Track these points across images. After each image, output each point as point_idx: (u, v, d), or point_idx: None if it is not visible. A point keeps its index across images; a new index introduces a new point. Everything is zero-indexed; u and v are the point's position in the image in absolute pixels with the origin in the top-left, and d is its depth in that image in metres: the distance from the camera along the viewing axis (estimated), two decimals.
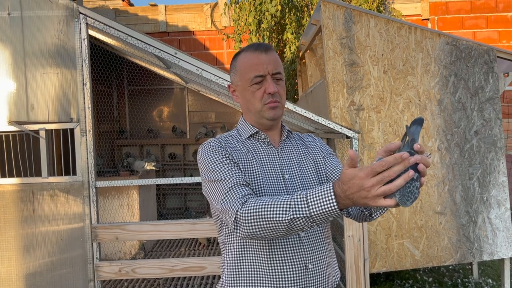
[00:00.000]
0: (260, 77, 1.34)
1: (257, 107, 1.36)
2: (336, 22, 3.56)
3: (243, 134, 1.43)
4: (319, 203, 1.04)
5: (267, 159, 1.39)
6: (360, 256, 2.99)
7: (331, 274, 1.38)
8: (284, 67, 6.07)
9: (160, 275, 3.04)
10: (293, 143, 1.48)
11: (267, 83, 1.34)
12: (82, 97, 3.00)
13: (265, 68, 1.34)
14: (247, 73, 1.36)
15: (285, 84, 6.02)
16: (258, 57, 1.35)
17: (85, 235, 2.99)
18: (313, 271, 1.31)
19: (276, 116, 1.37)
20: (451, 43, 3.64)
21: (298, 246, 1.31)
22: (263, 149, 1.40)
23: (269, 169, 1.37)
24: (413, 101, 3.61)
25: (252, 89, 1.36)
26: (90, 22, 2.99)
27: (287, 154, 1.42)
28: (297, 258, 1.30)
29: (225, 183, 1.24)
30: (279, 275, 1.29)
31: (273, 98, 1.34)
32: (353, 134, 3.10)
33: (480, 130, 3.68)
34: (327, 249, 1.38)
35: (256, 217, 1.12)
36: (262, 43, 1.40)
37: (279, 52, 6.23)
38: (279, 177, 1.36)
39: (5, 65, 3.02)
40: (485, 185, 3.68)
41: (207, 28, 7.15)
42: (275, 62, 1.36)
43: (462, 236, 3.64)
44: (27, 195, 3.01)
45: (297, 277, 1.29)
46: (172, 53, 2.98)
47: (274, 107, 1.35)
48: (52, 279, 3.01)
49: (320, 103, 3.97)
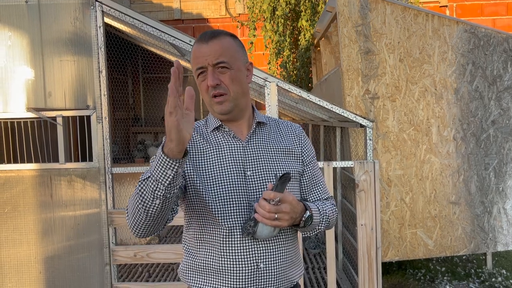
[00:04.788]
0: (201, 68, 1.27)
1: (207, 101, 1.30)
2: (352, 9, 3.52)
3: (209, 125, 1.37)
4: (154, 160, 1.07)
5: (229, 154, 1.31)
6: (373, 245, 2.99)
7: (289, 273, 1.34)
8: (298, 55, 6.03)
9: (174, 260, 3.10)
10: (264, 135, 1.38)
11: (208, 75, 1.26)
12: (98, 85, 3.04)
13: (205, 59, 1.25)
14: (193, 66, 1.30)
15: (300, 72, 6.00)
16: (199, 49, 1.27)
17: (101, 220, 3.05)
18: (265, 271, 1.28)
19: (223, 111, 1.28)
20: (469, 30, 3.58)
21: (251, 244, 1.27)
22: (226, 143, 1.33)
23: (229, 165, 1.30)
24: (429, 89, 3.57)
25: (199, 81, 1.29)
26: (105, 10, 3.01)
27: (254, 148, 1.34)
28: (248, 257, 1.26)
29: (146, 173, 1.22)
30: (229, 272, 1.27)
31: (216, 90, 1.25)
32: (368, 123, 3.08)
33: (497, 119, 3.62)
34: (287, 249, 1.33)
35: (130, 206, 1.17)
36: (208, 31, 1.30)
37: (293, 40, 6.19)
38: (240, 173, 1.29)
39: (24, 53, 3.07)
40: (501, 175, 3.63)
41: (221, 15, 7.12)
42: (217, 51, 1.25)
43: (477, 227, 3.62)
44: (45, 180, 3.07)
45: (247, 276, 1.26)
46: (186, 41, 2.99)
47: (219, 102, 1.27)
48: (70, 263, 3.09)
49: (335, 91, 3.95)
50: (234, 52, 1.29)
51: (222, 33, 1.30)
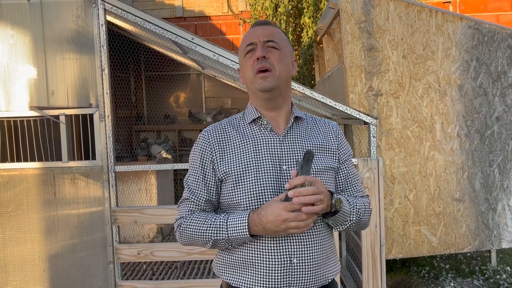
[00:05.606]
0: (251, 45, 1.33)
1: (250, 76, 1.33)
2: (355, 5, 3.50)
3: (247, 118, 1.39)
4: (234, 229, 1.24)
5: (265, 148, 1.32)
6: (377, 242, 2.98)
7: (325, 269, 1.33)
8: (301, 52, 6.01)
9: (178, 258, 3.10)
10: (301, 131, 1.39)
11: (257, 49, 1.31)
12: (100, 83, 3.03)
13: (256, 37, 1.33)
14: (242, 46, 1.37)
15: (303, 69, 5.98)
16: (252, 30, 1.36)
17: (104, 218, 3.05)
18: (299, 266, 1.27)
19: (266, 87, 1.30)
20: (473, 26, 3.55)
21: (284, 239, 1.26)
22: (263, 137, 1.34)
23: (265, 158, 1.31)
24: (432, 86, 3.55)
25: (245, 59, 1.35)
26: (107, 8, 3.00)
27: (290, 143, 1.34)
28: (280, 251, 1.26)
29: (186, 191, 1.40)
30: (261, 267, 1.27)
31: (262, 63, 1.29)
32: (371, 120, 3.07)
33: (502, 116, 3.60)
34: (321, 244, 1.32)
35: (187, 236, 1.34)
36: (263, 20, 1.40)
37: (296, 37, 6.17)
38: (275, 167, 1.30)
39: (26, 51, 3.07)
40: (505, 172, 3.61)
41: (224, 13, 7.10)
42: (269, 32, 1.34)
43: (481, 224, 3.60)
44: (48, 178, 3.07)
45: (279, 271, 1.26)
46: (189, 39, 2.98)
47: (263, 76, 1.29)
48: (73, 261, 3.09)
49: (338, 88, 3.93)
50: (284, 40, 1.36)
51: (276, 25, 1.40)
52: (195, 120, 6.47)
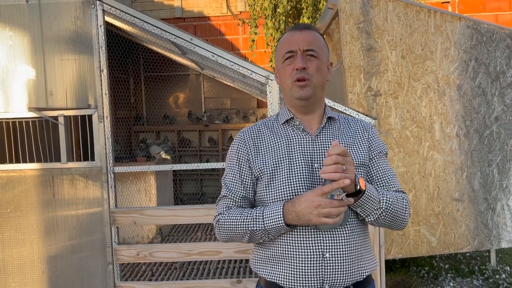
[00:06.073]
0: (290, 52, 1.35)
1: (288, 84, 1.37)
2: (354, 6, 3.50)
3: (280, 119, 1.44)
4: (270, 219, 1.27)
5: (298, 146, 1.37)
6: (376, 242, 2.98)
7: (358, 265, 1.32)
8: None
9: (177, 259, 3.09)
10: (334, 131, 1.41)
11: (296, 58, 1.34)
12: (99, 84, 3.03)
13: (297, 45, 1.34)
14: (280, 51, 1.39)
15: None
16: (293, 35, 1.37)
17: (104, 219, 3.05)
18: (331, 261, 1.28)
19: (303, 95, 1.34)
20: (471, 26, 3.55)
21: (316, 233, 1.28)
22: (296, 136, 1.39)
23: (298, 157, 1.35)
24: (431, 86, 3.55)
25: (284, 65, 1.37)
26: (106, 9, 3.00)
27: (323, 142, 1.38)
28: (312, 246, 1.28)
29: (223, 189, 1.44)
30: (294, 261, 1.30)
31: (301, 74, 1.32)
32: (370, 120, 3.07)
33: (501, 116, 3.60)
34: (355, 239, 1.32)
35: (225, 230, 1.37)
36: (302, 23, 1.43)
37: None
38: (308, 165, 1.33)
39: (25, 52, 3.06)
40: (504, 172, 3.61)
41: (223, 13, 7.10)
42: (309, 40, 1.35)
43: (480, 223, 3.60)
44: (47, 179, 3.07)
45: (312, 265, 1.28)
46: (187, 39, 2.98)
47: (301, 86, 1.33)
48: (72, 262, 3.09)
49: (337, 88, 3.93)
50: (322, 46, 1.39)
51: (315, 28, 1.41)
52: (194, 121, 6.47)
